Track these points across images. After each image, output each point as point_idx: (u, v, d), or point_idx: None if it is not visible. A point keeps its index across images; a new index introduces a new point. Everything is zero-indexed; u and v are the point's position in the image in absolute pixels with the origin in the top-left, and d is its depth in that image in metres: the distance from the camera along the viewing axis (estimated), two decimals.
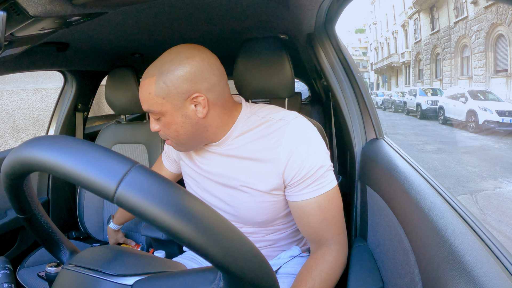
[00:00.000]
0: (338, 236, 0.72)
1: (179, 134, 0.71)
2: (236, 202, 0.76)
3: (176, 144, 0.75)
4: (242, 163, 0.73)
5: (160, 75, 0.66)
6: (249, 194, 0.73)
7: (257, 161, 0.71)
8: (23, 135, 3.03)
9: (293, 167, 0.68)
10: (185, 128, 0.70)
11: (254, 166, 0.72)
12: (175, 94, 0.66)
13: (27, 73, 2.96)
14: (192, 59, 0.66)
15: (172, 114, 0.68)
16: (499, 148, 6.38)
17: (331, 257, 0.69)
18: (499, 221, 3.23)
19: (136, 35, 1.10)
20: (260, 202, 0.73)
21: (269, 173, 0.70)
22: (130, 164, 0.28)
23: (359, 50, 37.33)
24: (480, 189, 4.13)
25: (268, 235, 0.81)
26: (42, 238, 0.45)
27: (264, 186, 0.71)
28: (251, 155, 0.72)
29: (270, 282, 0.31)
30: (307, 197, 0.69)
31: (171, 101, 0.66)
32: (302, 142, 0.69)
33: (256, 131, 0.73)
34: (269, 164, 0.70)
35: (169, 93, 0.66)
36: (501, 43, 11.78)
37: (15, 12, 0.55)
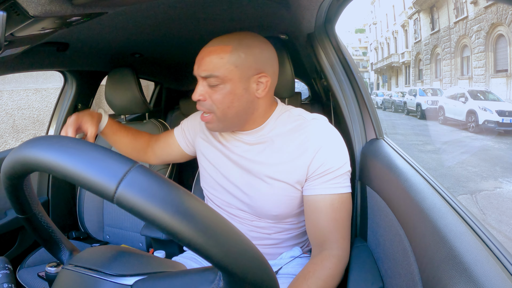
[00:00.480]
0: (342, 241, 0.72)
1: (232, 106, 0.72)
2: (254, 192, 0.77)
3: (217, 119, 0.74)
4: (270, 154, 0.76)
5: (239, 46, 0.71)
6: (270, 185, 0.75)
7: (287, 153, 0.75)
8: (23, 135, 3.03)
9: (319, 159, 0.72)
10: (240, 102, 0.72)
11: (282, 158, 0.75)
12: (247, 67, 0.71)
13: (27, 73, 2.96)
14: (268, 44, 0.76)
15: (236, 84, 0.71)
16: (499, 148, 6.38)
17: (330, 264, 0.69)
18: (499, 221, 3.23)
19: (136, 35, 1.10)
20: (279, 194, 0.75)
21: (296, 165, 0.73)
22: (130, 164, 0.28)
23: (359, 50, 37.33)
24: (480, 189, 4.13)
25: (276, 234, 0.81)
26: (42, 238, 0.45)
27: (289, 178, 0.74)
28: (281, 147, 0.76)
29: (270, 282, 0.31)
30: (323, 192, 0.72)
31: (241, 72, 0.71)
32: (332, 139, 0.75)
33: (289, 126, 0.77)
34: (298, 157, 0.73)
35: (243, 64, 0.71)
36: (501, 43, 11.78)
37: (15, 12, 0.55)
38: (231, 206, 0.83)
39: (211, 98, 0.72)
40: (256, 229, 0.81)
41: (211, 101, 0.73)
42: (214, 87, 0.71)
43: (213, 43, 0.72)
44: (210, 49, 0.71)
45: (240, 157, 0.80)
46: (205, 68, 0.71)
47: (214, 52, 0.70)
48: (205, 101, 0.73)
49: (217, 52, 0.70)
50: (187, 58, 1.79)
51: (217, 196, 0.86)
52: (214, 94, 0.72)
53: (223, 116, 0.74)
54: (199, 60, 0.72)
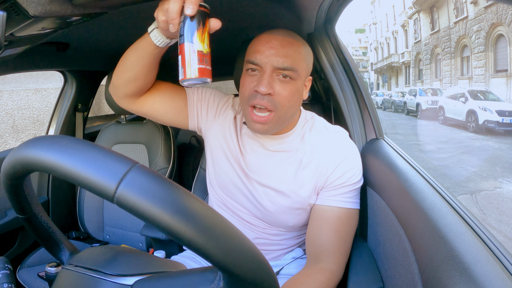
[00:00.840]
0: (340, 256, 0.70)
1: (294, 106, 0.69)
2: (273, 204, 0.75)
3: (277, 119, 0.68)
4: (292, 165, 0.74)
5: (305, 46, 0.70)
6: (291, 199, 0.74)
7: (309, 166, 0.73)
8: (23, 135, 3.03)
9: (339, 171, 0.71)
10: (299, 102, 0.71)
11: (304, 171, 0.73)
12: (309, 67, 0.72)
13: (27, 73, 2.96)
14: None
15: (301, 83, 0.69)
16: (499, 148, 6.38)
17: (324, 278, 0.66)
18: (499, 221, 3.23)
19: (136, 35, 1.10)
20: (299, 208, 0.74)
21: (318, 178, 0.72)
22: (130, 164, 0.28)
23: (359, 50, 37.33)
24: (480, 189, 4.13)
25: (286, 240, 0.81)
26: (42, 238, 0.45)
27: (310, 191, 0.73)
28: (304, 159, 0.73)
29: (270, 282, 0.31)
30: (333, 204, 0.71)
31: (307, 71, 0.70)
32: (353, 154, 0.74)
33: (314, 137, 0.75)
34: (320, 169, 0.72)
35: (308, 64, 0.71)
36: (501, 43, 11.78)
37: (15, 12, 0.55)
38: (244, 212, 0.80)
39: (279, 94, 0.65)
40: (267, 236, 0.80)
41: (279, 97, 0.65)
42: (285, 82, 0.65)
43: (284, 34, 0.67)
44: (287, 39, 0.66)
45: (259, 167, 0.76)
46: (283, 59, 0.64)
47: (292, 44, 0.66)
48: (272, 97, 0.65)
49: (295, 45, 0.66)
50: None
51: (230, 199, 0.81)
52: (283, 89, 0.65)
53: (283, 115, 0.68)
54: (275, 48, 0.64)
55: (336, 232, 0.70)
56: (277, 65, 0.64)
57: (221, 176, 0.81)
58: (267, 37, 0.67)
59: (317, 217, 0.73)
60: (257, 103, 0.65)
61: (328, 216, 0.71)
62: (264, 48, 0.65)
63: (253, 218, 0.80)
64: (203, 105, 0.82)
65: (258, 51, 0.66)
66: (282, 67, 0.64)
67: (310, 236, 0.73)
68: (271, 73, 0.65)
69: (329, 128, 0.78)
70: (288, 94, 0.66)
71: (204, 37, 0.51)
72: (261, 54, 0.65)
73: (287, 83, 0.66)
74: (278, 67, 0.64)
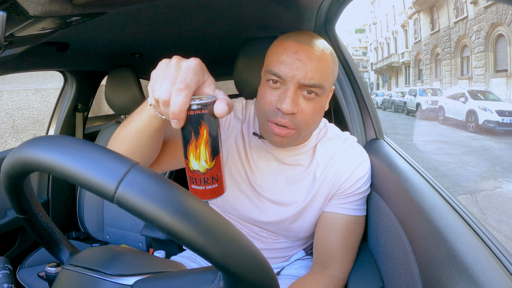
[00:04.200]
0: (347, 263, 0.70)
1: (316, 121, 0.63)
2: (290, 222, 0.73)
3: (298, 135, 0.62)
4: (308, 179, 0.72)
5: (332, 56, 0.62)
6: (305, 218, 0.73)
7: (324, 179, 0.71)
8: (23, 135, 3.03)
9: (352, 179, 0.71)
10: (321, 117, 0.65)
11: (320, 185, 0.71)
12: (334, 78, 0.64)
13: (27, 73, 2.96)
14: None
15: (326, 96, 0.63)
16: (499, 148, 6.38)
17: (331, 285, 0.66)
18: (499, 221, 3.23)
19: (136, 35, 1.10)
20: (314, 220, 0.74)
21: (331, 189, 0.71)
22: (130, 164, 0.28)
23: (359, 50, 37.34)
24: (480, 189, 4.13)
25: (295, 247, 0.81)
26: (42, 238, 0.45)
27: (324, 202, 0.72)
28: (318, 173, 0.71)
29: (270, 282, 0.31)
30: (342, 211, 0.71)
31: (332, 83, 0.63)
32: (365, 162, 0.73)
33: (328, 148, 0.73)
34: (334, 180, 0.71)
35: (334, 75, 0.63)
36: (501, 43, 11.79)
37: (15, 12, 0.55)
38: (258, 225, 0.77)
39: (303, 113, 0.59)
40: (278, 244, 0.79)
41: (302, 116, 0.59)
42: (310, 100, 0.59)
43: (313, 44, 0.58)
44: (316, 51, 0.57)
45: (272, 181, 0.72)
46: (312, 75, 0.56)
47: (322, 58, 0.58)
48: (295, 115, 0.59)
49: (324, 58, 0.58)
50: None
51: (240, 210, 0.76)
52: (307, 107, 0.59)
53: (305, 132, 0.63)
54: (303, 60, 0.56)
55: (344, 240, 0.70)
56: (304, 82, 0.57)
57: (227, 195, 0.75)
58: (293, 46, 0.58)
59: (325, 224, 0.72)
60: (278, 122, 0.59)
61: (338, 223, 0.71)
62: (290, 60, 0.57)
63: (265, 232, 0.79)
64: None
65: (283, 62, 0.58)
66: (309, 84, 0.57)
67: (319, 242, 0.72)
68: (296, 89, 0.58)
69: (340, 135, 0.76)
70: (312, 112, 0.60)
71: (200, 151, 0.39)
72: (286, 67, 0.57)
73: (312, 100, 0.59)
74: (305, 84, 0.57)
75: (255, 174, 0.73)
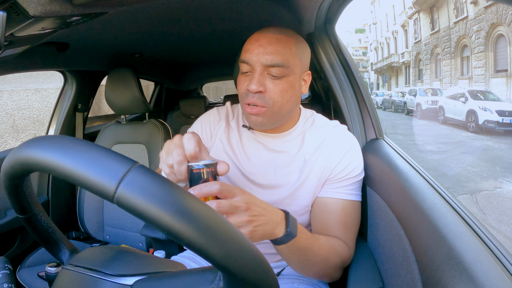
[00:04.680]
0: (349, 242, 0.71)
1: (290, 101, 0.68)
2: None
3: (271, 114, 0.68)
4: (298, 165, 0.73)
5: (298, 41, 0.69)
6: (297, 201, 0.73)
7: (315, 163, 0.73)
8: (23, 135, 3.03)
9: (343, 163, 0.72)
10: (296, 97, 0.70)
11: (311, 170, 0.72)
12: (305, 62, 0.71)
13: (27, 73, 2.96)
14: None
15: (296, 78, 0.69)
16: (499, 148, 6.38)
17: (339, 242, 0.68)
18: (499, 221, 3.23)
19: (136, 35, 1.10)
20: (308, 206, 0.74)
21: (322, 173, 0.72)
22: (130, 164, 0.28)
23: (359, 50, 37.34)
24: (480, 189, 4.13)
25: None
26: (42, 238, 0.45)
27: (316, 188, 0.72)
28: (309, 157, 0.73)
29: (270, 282, 0.31)
30: (336, 196, 0.72)
31: (302, 67, 0.70)
32: (355, 147, 0.75)
33: (316, 134, 0.76)
34: (325, 165, 0.72)
35: (303, 59, 0.70)
36: (501, 43, 11.79)
37: (15, 12, 0.55)
38: None
39: (271, 91, 0.66)
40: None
41: (270, 94, 0.66)
42: (276, 79, 0.66)
43: (274, 31, 0.67)
44: (276, 36, 0.66)
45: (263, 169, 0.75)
46: (272, 56, 0.64)
47: (281, 41, 0.65)
48: (263, 94, 0.66)
49: (284, 41, 0.66)
50: (187, 58, 1.79)
51: None
52: (275, 86, 0.66)
53: (278, 111, 0.68)
54: (263, 46, 0.65)
55: (343, 223, 0.71)
56: (266, 63, 0.65)
57: None
58: (256, 35, 0.68)
59: (322, 209, 0.72)
60: (249, 101, 0.67)
61: (334, 208, 0.71)
62: (253, 47, 0.66)
63: None
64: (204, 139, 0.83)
65: (248, 50, 0.67)
66: (271, 64, 0.65)
67: (317, 230, 0.73)
68: (262, 71, 0.66)
69: (329, 123, 0.79)
70: (280, 90, 0.66)
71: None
72: (251, 53, 0.66)
73: (279, 80, 0.66)
74: (267, 64, 0.65)
75: (246, 163, 0.76)
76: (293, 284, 0.74)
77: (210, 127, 0.83)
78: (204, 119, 0.85)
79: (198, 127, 0.85)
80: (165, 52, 1.54)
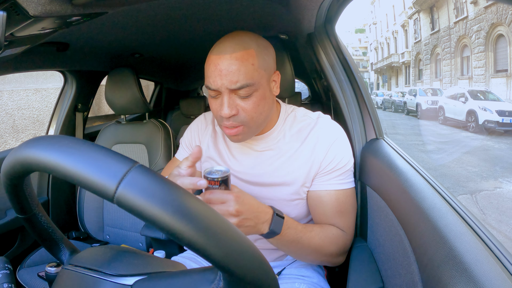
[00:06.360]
0: (348, 228, 0.75)
1: (263, 111, 0.69)
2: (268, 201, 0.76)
3: (248, 129, 0.69)
4: (282, 160, 0.75)
5: (258, 48, 0.66)
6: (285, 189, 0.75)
7: (300, 156, 0.74)
8: (23, 135, 3.03)
9: (330, 155, 0.73)
10: (269, 104, 0.70)
11: (295, 162, 0.74)
12: (270, 67, 0.69)
13: (27, 73, 2.96)
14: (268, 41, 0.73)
15: (265, 88, 0.68)
16: (499, 148, 6.38)
17: (336, 230, 0.72)
18: (499, 221, 3.23)
19: (136, 35, 1.10)
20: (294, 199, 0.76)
21: (310, 166, 0.73)
22: (130, 164, 0.28)
23: (359, 50, 37.33)
24: (480, 189, 4.13)
25: None
26: (42, 238, 0.45)
27: (304, 180, 0.74)
28: (293, 151, 0.75)
29: (270, 282, 0.31)
30: (328, 188, 0.73)
31: (268, 74, 0.69)
32: (340, 136, 0.75)
33: (298, 128, 0.77)
34: (311, 157, 0.73)
35: (267, 67, 0.68)
36: (501, 43, 11.78)
37: (15, 12, 0.55)
38: None
39: (244, 110, 0.66)
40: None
41: (244, 113, 0.66)
42: (246, 98, 0.65)
43: (231, 49, 0.63)
44: (234, 55, 0.63)
45: (251, 166, 0.77)
46: (236, 79, 0.63)
47: (242, 59, 0.63)
48: (237, 115, 0.66)
49: (245, 58, 0.63)
50: (187, 58, 1.79)
51: None
52: (247, 104, 0.66)
53: (255, 125, 0.69)
54: (224, 70, 0.63)
55: (339, 212, 0.73)
56: (231, 87, 0.63)
57: None
58: (214, 59, 0.64)
59: (317, 203, 0.74)
60: (225, 125, 0.68)
61: (328, 200, 0.73)
62: (214, 73, 0.64)
63: None
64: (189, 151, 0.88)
65: (209, 76, 0.65)
66: (236, 88, 0.63)
67: (317, 220, 0.76)
68: (229, 94, 0.65)
69: (311, 115, 0.79)
70: (252, 107, 0.66)
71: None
72: (214, 80, 0.64)
73: (249, 97, 0.65)
74: (233, 88, 0.63)
75: (235, 164, 0.79)
76: (294, 284, 0.74)
77: (198, 134, 0.87)
78: (192, 127, 0.89)
79: (188, 135, 0.89)
80: (165, 52, 1.54)
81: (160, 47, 1.40)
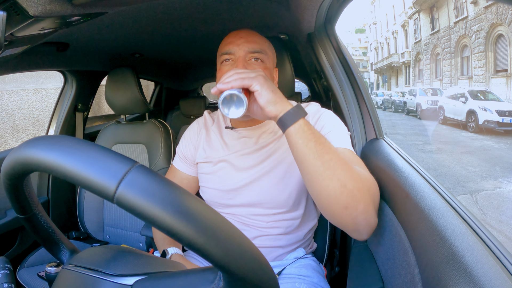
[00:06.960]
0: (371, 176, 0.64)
1: None
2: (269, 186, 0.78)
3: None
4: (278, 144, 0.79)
5: (266, 40, 0.79)
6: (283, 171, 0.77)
7: None
8: (23, 135, 3.03)
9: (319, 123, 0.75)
10: None
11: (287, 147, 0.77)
12: (274, 59, 0.81)
13: (27, 73, 2.96)
14: None
15: (271, 69, 0.77)
16: (499, 148, 6.38)
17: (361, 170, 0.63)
18: (499, 221, 3.23)
19: (136, 35, 1.10)
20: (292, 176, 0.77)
21: None
22: (130, 164, 0.28)
23: (359, 50, 37.32)
24: (480, 189, 4.13)
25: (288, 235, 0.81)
26: (42, 238, 0.45)
27: None
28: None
29: (270, 282, 0.31)
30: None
31: (273, 62, 0.79)
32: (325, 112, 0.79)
33: None
34: None
35: (272, 55, 0.80)
36: (501, 43, 11.78)
37: (15, 12, 0.55)
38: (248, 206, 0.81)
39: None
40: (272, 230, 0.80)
41: None
42: (258, 64, 0.73)
43: (244, 32, 0.76)
44: (252, 32, 0.76)
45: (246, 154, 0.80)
46: (254, 44, 0.73)
47: (258, 35, 0.76)
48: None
49: (260, 36, 0.76)
50: (187, 58, 1.79)
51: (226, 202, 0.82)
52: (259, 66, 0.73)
53: None
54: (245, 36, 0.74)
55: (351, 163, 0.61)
56: (249, 49, 0.72)
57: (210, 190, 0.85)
58: (234, 32, 0.77)
59: None
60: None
61: None
62: (235, 39, 0.74)
63: (252, 217, 0.80)
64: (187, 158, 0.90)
65: (230, 42, 0.74)
66: (253, 50, 0.73)
67: None
68: (244, 57, 0.72)
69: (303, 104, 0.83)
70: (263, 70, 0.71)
71: None
72: (233, 44, 0.73)
73: (260, 64, 0.73)
74: (250, 51, 0.72)
75: (234, 157, 0.81)
76: (294, 284, 0.74)
77: (192, 140, 0.90)
78: (186, 134, 0.93)
79: (183, 145, 0.91)
80: (165, 52, 1.54)
81: (160, 47, 1.40)
